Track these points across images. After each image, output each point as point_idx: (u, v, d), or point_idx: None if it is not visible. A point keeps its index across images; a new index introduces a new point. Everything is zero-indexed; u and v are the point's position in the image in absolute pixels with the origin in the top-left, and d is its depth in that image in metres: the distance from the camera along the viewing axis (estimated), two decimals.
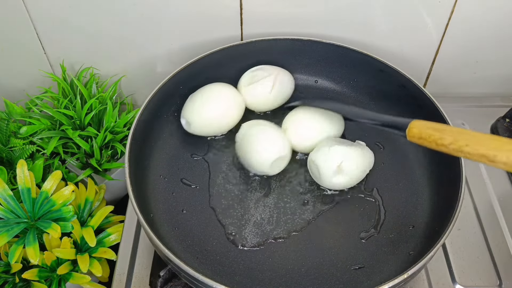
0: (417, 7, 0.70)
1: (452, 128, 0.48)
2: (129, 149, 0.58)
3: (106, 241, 0.66)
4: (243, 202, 0.61)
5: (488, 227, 0.65)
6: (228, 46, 0.70)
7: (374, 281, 0.54)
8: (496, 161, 0.42)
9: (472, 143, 0.44)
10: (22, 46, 0.76)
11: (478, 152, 0.44)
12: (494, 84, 0.82)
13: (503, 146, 0.43)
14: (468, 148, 0.44)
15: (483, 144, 0.44)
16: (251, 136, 0.62)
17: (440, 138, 0.47)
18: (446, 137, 0.47)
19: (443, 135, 0.47)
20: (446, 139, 0.46)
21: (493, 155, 0.42)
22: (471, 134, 0.46)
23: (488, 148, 0.43)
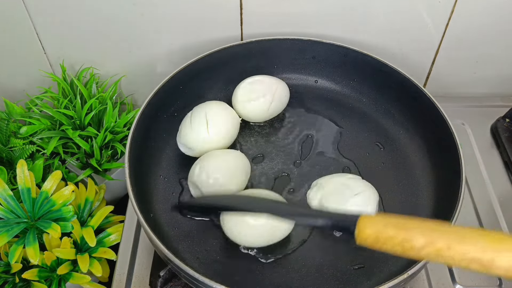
0: (417, 7, 0.70)
1: (423, 223, 0.35)
2: (129, 149, 0.58)
3: (106, 241, 0.66)
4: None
5: (488, 227, 0.65)
6: (228, 46, 0.70)
7: (374, 281, 0.54)
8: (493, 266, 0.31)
9: (455, 244, 0.32)
10: (22, 46, 0.76)
11: (466, 257, 0.32)
12: (494, 84, 0.82)
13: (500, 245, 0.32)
14: (451, 252, 0.32)
15: (472, 244, 0.32)
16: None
17: (407, 239, 0.34)
18: (417, 237, 0.34)
19: (412, 234, 0.34)
20: (416, 241, 0.34)
21: (489, 259, 0.31)
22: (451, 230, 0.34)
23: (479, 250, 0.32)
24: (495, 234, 0.33)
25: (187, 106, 0.70)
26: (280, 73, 0.74)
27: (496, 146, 0.74)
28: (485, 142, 0.75)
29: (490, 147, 0.74)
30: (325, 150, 0.67)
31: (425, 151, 0.65)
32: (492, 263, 0.31)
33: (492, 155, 0.73)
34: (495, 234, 0.33)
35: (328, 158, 0.66)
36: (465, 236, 0.33)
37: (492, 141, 0.75)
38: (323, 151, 0.67)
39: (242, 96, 0.68)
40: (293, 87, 0.74)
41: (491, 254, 0.31)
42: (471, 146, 0.74)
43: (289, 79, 0.74)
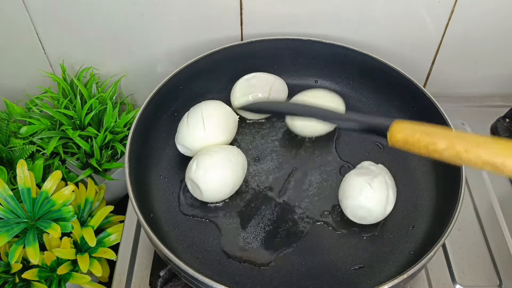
0: (417, 7, 0.70)
1: (446, 131, 0.41)
2: (129, 149, 0.58)
3: (106, 241, 0.66)
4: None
5: (488, 227, 0.65)
6: (228, 46, 0.70)
7: (374, 281, 0.54)
8: (506, 168, 0.36)
9: (472, 148, 0.37)
10: (22, 46, 0.76)
11: (481, 159, 0.37)
12: (494, 84, 0.82)
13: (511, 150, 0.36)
14: (468, 154, 0.37)
15: (486, 149, 0.37)
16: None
17: (432, 143, 0.39)
18: (440, 141, 0.39)
19: (436, 139, 0.39)
20: (439, 144, 0.39)
21: (501, 162, 0.36)
22: (470, 137, 0.39)
23: (492, 154, 0.36)
24: (504, 141, 0.37)
25: (187, 106, 0.69)
26: (280, 73, 0.73)
27: None
28: None
29: None
30: (325, 149, 0.67)
31: None
32: (504, 166, 0.36)
33: None
34: (504, 141, 0.37)
35: (328, 157, 0.66)
36: (480, 141, 0.38)
37: None
38: (323, 151, 0.67)
39: (239, 92, 0.68)
40: (293, 87, 0.74)
41: (502, 158, 0.36)
42: None
43: (289, 79, 0.74)
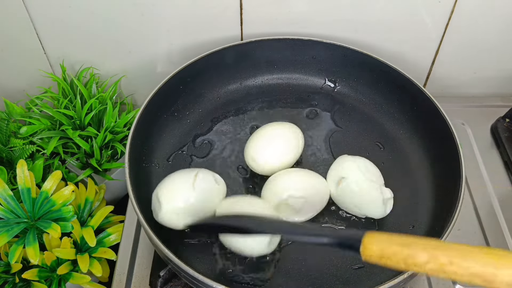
0: (417, 7, 0.70)
1: (426, 241, 0.37)
2: (129, 149, 0.58)
3: (106, 241, 0.66)
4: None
5: (488, 227, 0.65)
6: (228, 46, 0.70)
7: (374, 281, 0.54)
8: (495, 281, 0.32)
9: (457, 260, 0.34)
10: (22, 46, 0.76)
11: (469, 271, 0.33)
12: (494, 84, 0.82)
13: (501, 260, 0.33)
14: (454, 267, 0.34)
15: (474, 260, 0.33)
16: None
17: (411, 256, 0.35)
18: (420, 253, 0.35)
19: (415, 251, 0.35)
20: (420, 257, 0.35)
21: (491, 273, 0.32)
22: (452, 247, 0.35)
23: (481, 265, 0.33)
24: (496, 251, 0.34)
25: (187, 106, 0.70)
26: (280, 73, 0.74)
27: (496, 146, 0.74)
28: (485, 142, 0.75)
29: (490, 147, 0.74)
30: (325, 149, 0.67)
31: (425, 151, 0.65)
32: (495, 278, 0.32)
33: (492, 155, 0.73)
34: (496, 250, 0.34)
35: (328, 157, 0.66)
36: (467, 252, 0.34)
37: (492, 141, 0.75)
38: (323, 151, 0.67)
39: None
40: (293, 87, 0.74)
41: (493, 270, 0.32)
42: (471, 146, 0.74)
43: (289, 79, 0.74)
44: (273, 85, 0.74)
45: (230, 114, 0.71)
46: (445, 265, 0.34)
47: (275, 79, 0.73)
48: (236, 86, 0.74)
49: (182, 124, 0.69)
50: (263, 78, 0.75)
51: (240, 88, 0.74)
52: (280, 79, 0.74)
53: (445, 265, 0.34)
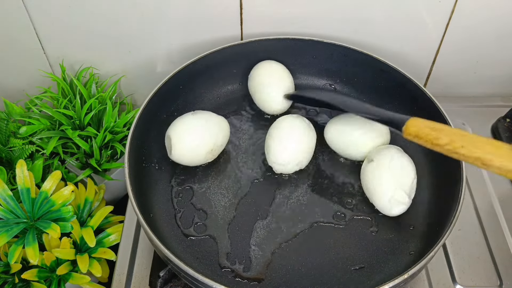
0: (417, 7, 0.70)
1: (450, 129, 0.48)
2: (129, 149, 0.58)
3: (106, 241, 0.65)
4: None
5: (489, 227, 0.64)
6: (228, 46, 0.70)
7: (374, 281, 0.54)
8: (491, 165, 0.42)
9: (468, 145, 0.44)
10: (21, 46, 0.76)
11: (473, 155, 0.43)
12: (494, 84, 0.81)
13: (498, 151, 0.43)
14: (464, 150, 0.44)
15: (479, 147, 0.43)
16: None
17: (436, 138, 0.47)
18: (443, 137, 0.46)
19: (440, 135, 0.47)
20: (442, 139, 0.46)
21: (489, 159, 0.42)
22: (468, 136, 0.46)
23: (483, 152, 0.43)
24: (497, 143, 0.43)
25: (187, 106, 0.70)
26: None
27: None
28: None
29: None
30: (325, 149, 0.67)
31: (425, 151, 0.65)
32: (490, 162, 0.42)
33: None
34: (497, 142, 0.44)
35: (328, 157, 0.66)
36: (476, 140, 0.44)
37: None
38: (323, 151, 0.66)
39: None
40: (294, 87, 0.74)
41: (491, 156, 0.42)
42: None
43: None
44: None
45: (230, 114, 0.71)
46: (458, 148, 0.45)
47: None
48: (236, 86, 0.74)
49: None
50: None
51: (240, 88, 0.74)
52: None
53: (458, 148, 0.45)
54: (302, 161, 0.63)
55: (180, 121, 0.63)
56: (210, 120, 0.63)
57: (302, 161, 0.62)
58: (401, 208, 0.58)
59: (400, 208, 0.57)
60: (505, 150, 0.43)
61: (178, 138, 0.61)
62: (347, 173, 0.64)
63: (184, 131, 0.61)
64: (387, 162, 0.59)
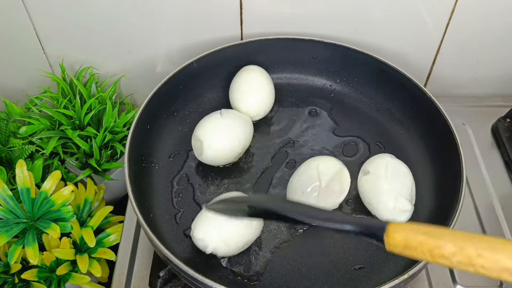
0: (417, 7, 0.70)
1: (451, 231, 0.35)
2: (129, 149, 0.58)
3: (106, 242, 0.65)
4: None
5: (489, 227, 0.64)
6: (228, 46, 0.70)
7: (374, 281, 0.54)
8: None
9: (486, 252, 0.32)
10: (21, 46, 0.75)
11: (499, 265, 0.31)
12: (494, 84, 0.81)
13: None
14: (482, 261, 0.32)
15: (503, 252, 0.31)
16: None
17: (437, 247, 0.34)
18: (447, 244, 0.33)
19: (442, 242, 0.34)
20: (446, 248, 0.33)
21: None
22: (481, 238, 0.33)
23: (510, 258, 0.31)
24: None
25: (186, 105, 0.70)
26: (280, 72, 0.73)
27: (496, 146, 0.74)
28: (485, 142, 0.75)
29: (491, 147, 0.74)
30: (325, 150, 0.67)
31: (425, 151, 0.65)
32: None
33: (493, 155, 0.73)
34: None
35: None
36: (496, 244, 0.32)
37: (493, 141, 0.75)
38: (323, 151, 0.66)
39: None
40: (294, 87, 0.74)
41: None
42: (471, 146, 0.74)
43: (289, 79, 0.74)
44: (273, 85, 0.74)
45: None
46: (473, 258, 0.32)
47: (275, 79, 0.73)
48: None
49: (182, 124, 0.69)
50: None
51: None
52: (280, 79, 0.74)
53: (473, 258, 0.32)
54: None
55: (209, 121, 0.62)
56: (236, 120, 0.63)
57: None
58: (406, 216, 0.57)
59: (404, 216, 0.57)
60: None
61: (208, 140, 0.60)
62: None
63: (215, 133, 0.61)
64: (383, 172, 0.57)
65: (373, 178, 0.58)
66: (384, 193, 0.57)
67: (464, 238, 0.33)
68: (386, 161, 0.59)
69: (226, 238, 0.53)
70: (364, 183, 0.59)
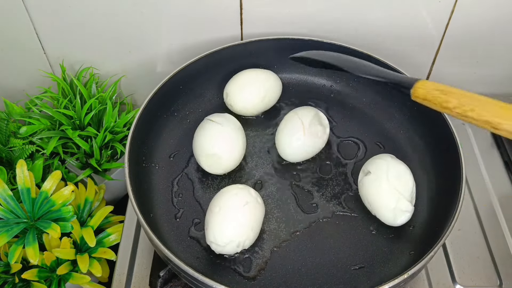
0: (417, 7, 0.70)
1: (460, 91, 0.47)
2: (129, 149, 0.58)
3: (106, 241, 0.66)
4: None
5: (488, 227, 0.64)
6: (228, 46, 0.70)
7: (374, 281, 0.54)
8: (500, 129, 0.42)
9: (477, 109, 0.44)
10: (22, 46, 0.76)
11: (483, 118, 0.43)
12: (494, 84, 0.81)
13: (508, 114, 0.42)
14: (473, 113, 0.44)
15: (489, 110, 0.43)
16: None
17: (445, 100, 0.47)
18: (452, 100, 0.46)
19: (449, 97, 0.46)
20: (451, 102, 0.46)
21: (497, 122, 0.42)
22: (478, 98, 0.45)
23: (493, 115, 0.43)
24: (507, 106, 0.43)
25: (187, 105, 0.70)
26: (280, 72, 0.73)
27: (496, 146, 0.74)
28: (485, 142, 0.75)
29: (491, 147, 0.74)
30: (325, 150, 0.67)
31: (425, 151, 0.65)
32: (499, 126, 0.42)
33: (493, 155, 0.73)
34: (506, 105, 0.43)
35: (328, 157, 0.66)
36: (485, 103, 0.44)
37: (493, 141, 0.75)
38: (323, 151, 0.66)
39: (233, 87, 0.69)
40: (294, 87, 0.74)
41: (499, 119, 0.42)
42: (471, 146, 0.74)
43: (289, 79, 0.74)
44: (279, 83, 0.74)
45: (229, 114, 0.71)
46: (467, 111, 0.44)
47: None
48: None
49: (182, 124, 0.69)
50: None
51: None
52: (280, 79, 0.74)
53: (467, 111, 0.44)
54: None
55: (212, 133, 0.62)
56: (234, 129, 0.63)
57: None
58: (406, 217, 0.57)
59: (405, 217, 0.57)
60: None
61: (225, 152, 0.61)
62: (348, 172, 0.64)
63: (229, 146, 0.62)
64: (385, 173, 0.57)
65: (374, 178, 0.58)
66: (385, 193, 0.57)
67: (465, 96, 0.46)
68: (386, 161, 0.59)
69: (250, 224, 0.55)
70: (365, 184, 0.59)
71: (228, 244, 0.54)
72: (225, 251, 0.54)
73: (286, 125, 0.64)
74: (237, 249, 0.55)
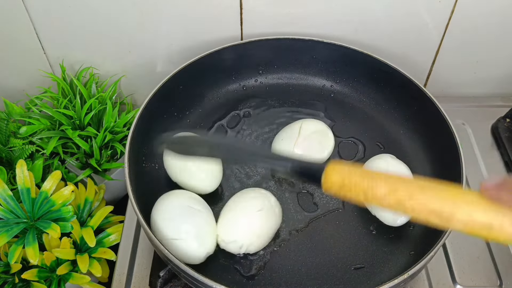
0: (417, 7, 0.70)
1: (386, 175, 0.36)
2: (129, 149, 0.58)
3: (106, 241, 0.65)
4: None
5: None
6: (228, 46, 0.70)
7: (374, 281, 0.54)
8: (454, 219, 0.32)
9: (417, 195, 0.33)
10: (21, 46, 0.75)
11: (427, 207, 0.32)
12: (494, 84, 0.81)
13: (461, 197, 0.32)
14: (412, 202, 0.33)
15: (433, 196, 0.33)
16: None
17: (371, 187, 0.35)
18: (380, 185, 0.34)
19: (376, 183, 0.35)
20: (380, 189, 0.34)
21: (449, 211, 0.32)
22: (413, 182, 0.35)
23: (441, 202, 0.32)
24: (455, 188, 0.33)
25: (187, 106, 0.70)
26: (280, 72, 0.73)
27: (496, 146, 0.74)
28: (485, 142, 0.75)
29: (491, 147, 0.74)
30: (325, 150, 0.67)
31: (425, 151, 0.65)
32: (452, 216, 0.31)
33: (493, 155, 0.73)
34: (455, 188, 0.33)
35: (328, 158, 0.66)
36: (427, 187, 0.33)
37: (493, 141, 0.75)
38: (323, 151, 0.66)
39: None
40: (293, 87, 0.74)
41: (451, 207, 0.31)
42: (471, 146, 0.74)
43: (289, 79, 0.74)
44: (273, 85, 0.74)
45: (230, 114, 0.71)
46: (404, 200, 0.33)
47: (275, 79, 0.73)
48: (236, 86, 0.74)
49: (182, 124, 0.69)
50: (263, 78, 0.75)
51: (240, 88, 0.74)
52: (280, 79, 0.74)
53: (404, 200, 0.33)
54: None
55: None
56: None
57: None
58: (406, 217, 0.57)
59: (405, 217, 0.57)
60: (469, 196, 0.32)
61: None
62: None
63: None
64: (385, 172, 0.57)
65: None
66: None
67: (397, 181, 0.35)
68: (386, 161, 0.59)
69: (257, 231, 0.54)
70: None
71: (232, 243, 0.54)
72: (228, 248, 0.55)
73: (286, 130, 0.65)
74: (240, 251, 0.55)
